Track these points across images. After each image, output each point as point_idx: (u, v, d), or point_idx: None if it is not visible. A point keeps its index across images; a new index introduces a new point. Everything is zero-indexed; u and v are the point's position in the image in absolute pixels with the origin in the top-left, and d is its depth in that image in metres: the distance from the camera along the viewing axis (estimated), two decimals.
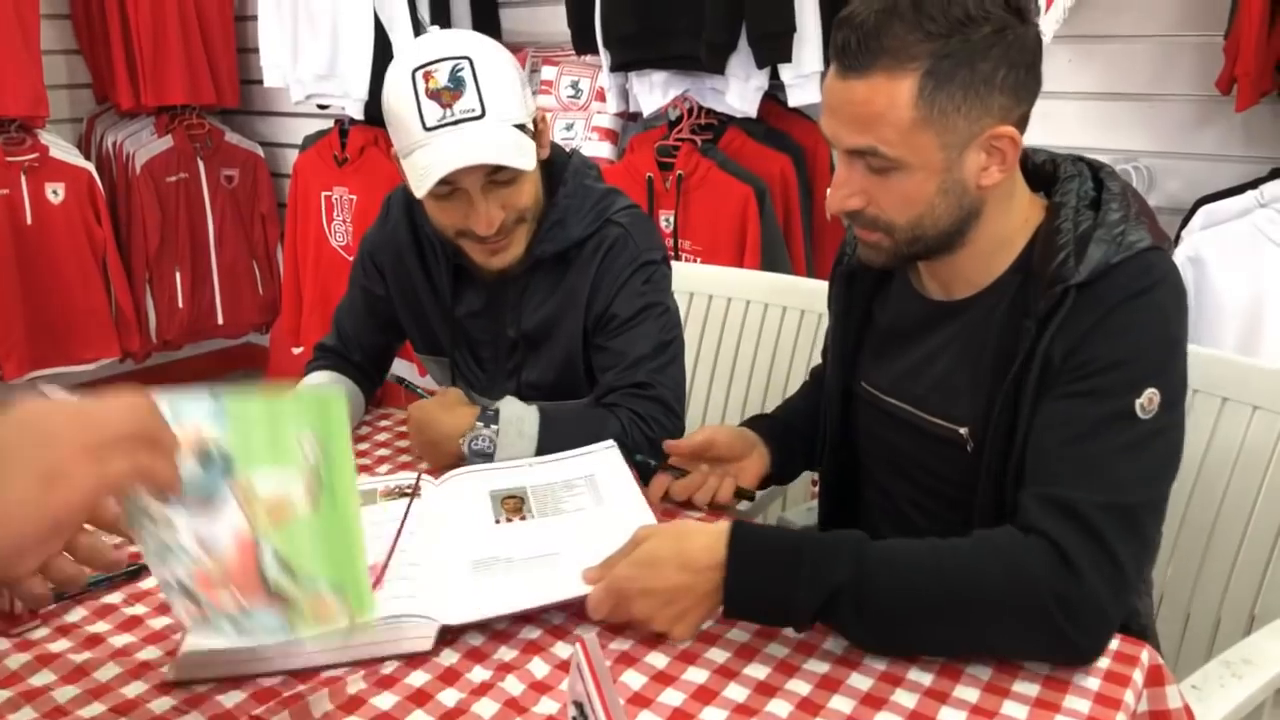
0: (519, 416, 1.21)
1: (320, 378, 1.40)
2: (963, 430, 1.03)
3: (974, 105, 0.91)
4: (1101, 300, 0.92)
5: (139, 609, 0.96)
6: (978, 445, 1.01)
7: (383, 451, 1.32)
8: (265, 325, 3.67)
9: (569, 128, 2.61)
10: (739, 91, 2.22)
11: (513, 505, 1.09)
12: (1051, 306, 0.93)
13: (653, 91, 2.35)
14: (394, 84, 1.18)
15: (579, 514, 1.07)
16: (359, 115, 2.88)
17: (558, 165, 1.32)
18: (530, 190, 1.24)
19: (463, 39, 1.20)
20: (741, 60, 2.18)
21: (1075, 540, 0.84)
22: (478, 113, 1.15)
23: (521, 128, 1.19)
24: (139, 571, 1.00)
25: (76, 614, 0.94)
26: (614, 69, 2.35)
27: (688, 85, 2.31)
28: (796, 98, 2.19)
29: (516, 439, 1.19)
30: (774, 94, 2.27)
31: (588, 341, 1.32)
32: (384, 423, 1.42)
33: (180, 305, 3.42)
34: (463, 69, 1.15)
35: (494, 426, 1.19)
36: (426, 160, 1.15)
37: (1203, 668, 1.02)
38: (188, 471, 0.67)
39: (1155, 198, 2.02)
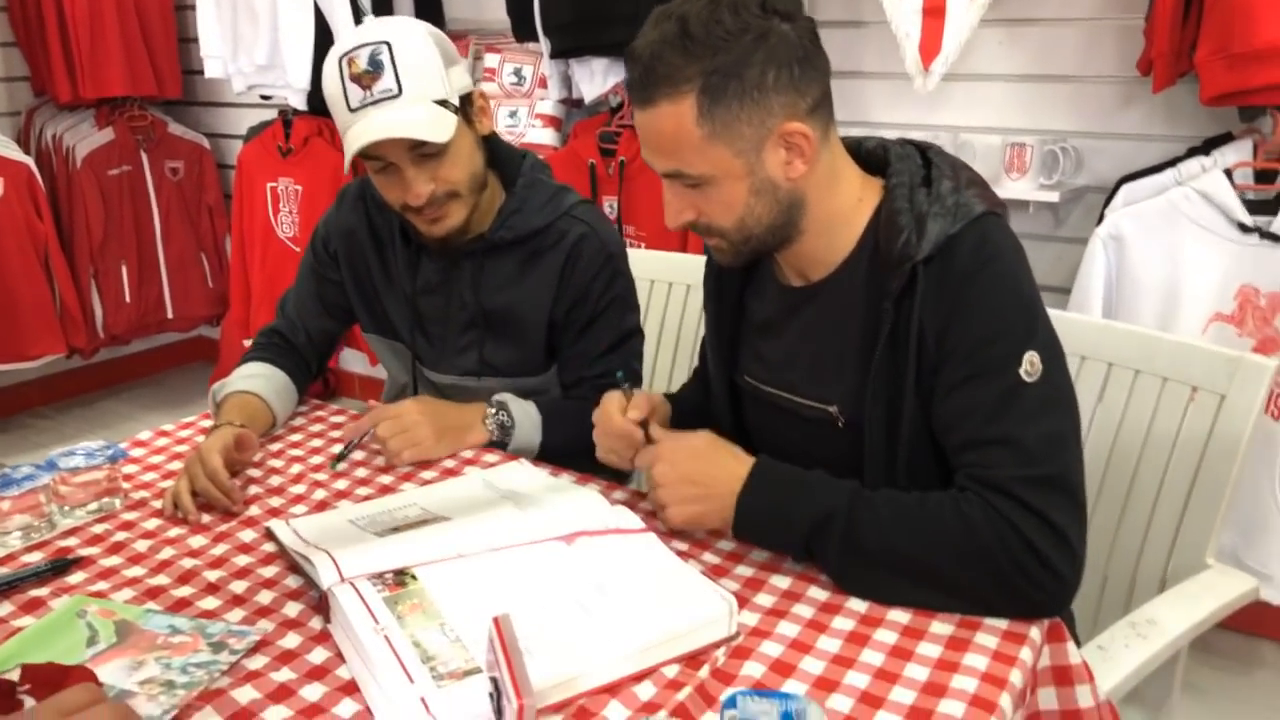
0: (522, 406, 1.35)
1: (251, 369, 1.41)
2: (831, 408, 1.07)
3: (753, 110, 0.95)
4: (951, 276, 0.97)
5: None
6: (850, 422, 1.06)
7: (315, 443, 1.34)
8: (216, 318, 3.64)
9: (513, 114, 2.61)
10: None
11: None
12: (904, 285, 0.98)
13: (593, 78, 2.36)
14: (327, 72, 1.26)
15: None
16: (302, 105, 2.87)
17: (512, 162, 1.38)
18: (462, 164, 1.28)
19: (385, 25, 1.26)
20: None
21: (1023, 518, 0.91)
22: (394, 92, 1.21)
23: (444, 103, 1.24)
24: (67, 566, 1.02)
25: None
26: (554, 56, 2.37)
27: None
28: None
29: (525, 419, 1.34)
30: None
31: (553, 329, 1.39)
32: (318, 413, 1.44)
33: (127, 299, 3.38)
34: (381, 53, 1.22)
35: (505, 412, 1.33)
36: (351, 137, 1.23)
37: (1110, 628, 1.07)
38: None
39: (1083, 177, 2.08)
